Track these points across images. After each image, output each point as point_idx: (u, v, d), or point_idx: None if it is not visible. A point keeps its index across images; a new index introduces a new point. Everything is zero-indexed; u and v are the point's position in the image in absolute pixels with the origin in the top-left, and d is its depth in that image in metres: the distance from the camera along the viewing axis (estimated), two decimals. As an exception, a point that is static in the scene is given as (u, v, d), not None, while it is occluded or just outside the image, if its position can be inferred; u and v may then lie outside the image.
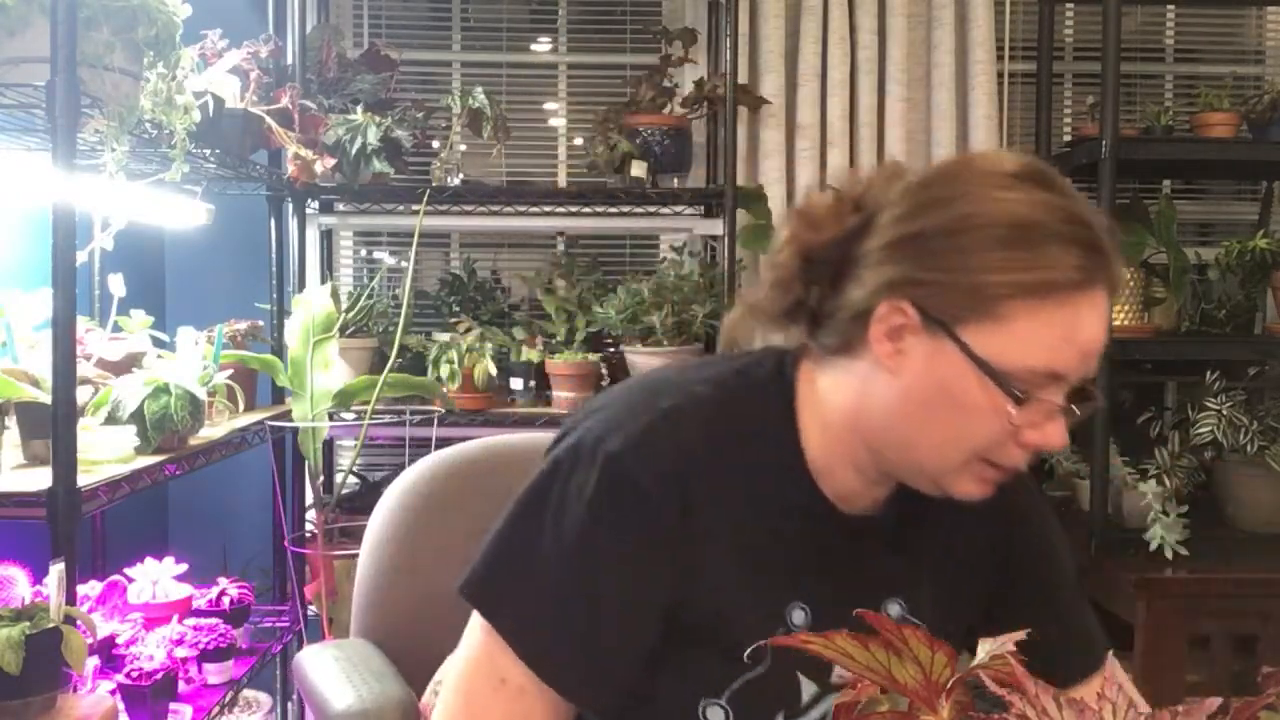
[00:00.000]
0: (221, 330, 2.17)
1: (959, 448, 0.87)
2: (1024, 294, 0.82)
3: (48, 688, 1.38)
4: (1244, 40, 3.28)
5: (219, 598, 2.28)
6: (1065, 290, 0.83)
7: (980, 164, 0.89)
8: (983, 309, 0.83)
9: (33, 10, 1.41)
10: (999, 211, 0.84)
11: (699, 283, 2.64)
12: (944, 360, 0.85)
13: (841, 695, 0.88)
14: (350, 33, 3.04)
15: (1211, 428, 2.60)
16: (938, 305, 0.85)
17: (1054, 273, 0.82)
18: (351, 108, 2.55)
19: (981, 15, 2.85)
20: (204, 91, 1.94)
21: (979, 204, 0.85)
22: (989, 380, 0.83)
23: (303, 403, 2.33)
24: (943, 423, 0.87)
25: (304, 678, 1.24)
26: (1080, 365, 0.85)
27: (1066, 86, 3.19)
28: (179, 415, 1.80)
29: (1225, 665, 2.42)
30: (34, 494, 1.45)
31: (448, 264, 3.13)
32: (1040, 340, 0.83)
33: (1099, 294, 0.85)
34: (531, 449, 1.53)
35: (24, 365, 1.64)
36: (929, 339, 0.85)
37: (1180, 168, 3.03)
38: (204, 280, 2.91)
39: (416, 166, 2.74)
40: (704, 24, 2.99)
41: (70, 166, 1.42)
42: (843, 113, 2.82)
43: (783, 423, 0.94)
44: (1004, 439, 0.86)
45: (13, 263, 2.16)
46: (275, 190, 2.62)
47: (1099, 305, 0.85)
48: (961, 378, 0.84)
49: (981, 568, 1.02)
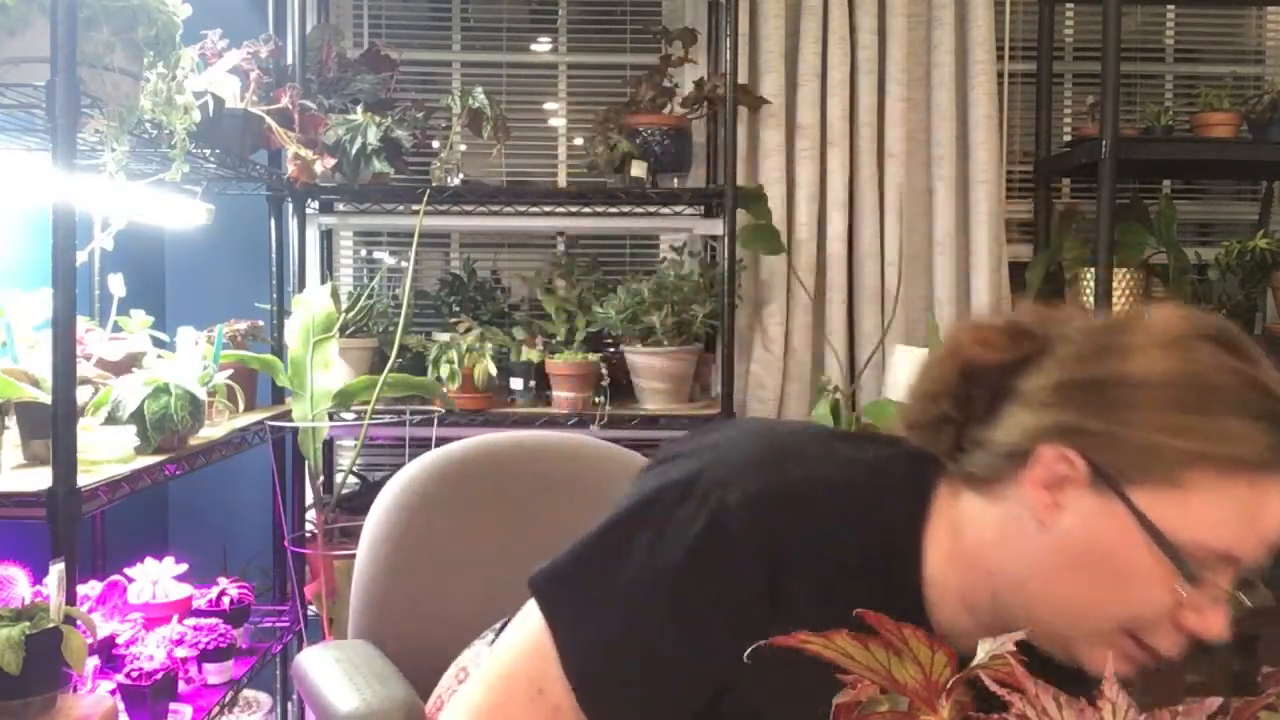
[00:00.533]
0: (221, 330, 2.17)
1: (1107, 617, 0.79)
2: (1207, 465, 0.76)
3: (48, 688, 1.38)
4: (1244, 40, 3.28)
5: (219, 598, 2.28)
6: (1253, 469, 0.76)
7: (1166, 315, 0.83)
8: (1160, 473, 0.77)
9: (33, 10, 1.41)
10: (1176, 370, 0.78)
11: (699, 283, 2.65)
12: (1109, 522, 0.78)
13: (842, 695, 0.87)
14: (350, 33, 3.04)
15: (1211, 428, 2.60)
16: (1110, 461, 0.78)
17: (1240, 448, 0.76)
18: (351, 108, 2.55)
19: (981, 15, 2.85)
20: (204, 91, 1.94)
21: (1157, 360, 0.79)
22: (1160, 550, 0.76)
23: (303, 403, 2.33)
24: (1094, 587, 0.79)
25: (305, 680, 1.24)
26: (1256, 552, 0.78)
27: (1066, 86, 3.19)
28: (179, 415, 1.80)
29: (1225, 665, 2.42)
30: (34, 494, 1.45)
31: (448, 264, 3.13)
32: (1221, 518, 0.76)
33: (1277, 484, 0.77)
34: (528, 448, 1.53)
35: (24, 365, 1.64)
36: (1094, 496, 0.78)
37: (1180, 168, 3.03)
38: (204, 280, 2.91)
39: (416, 166, 2.75)
40: (704, 24, 2.99)
41: (70, 166, 1.42)
42: (843, 113, 2.82)
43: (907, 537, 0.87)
44: (1161, 618, 0.79)
45: (13, 263, 2.16)
46: (275, 190, 2.62)
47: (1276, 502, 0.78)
48: (1127, 543, 0.77)
49: None
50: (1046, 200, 3.02)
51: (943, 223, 2.86)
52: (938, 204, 2.87)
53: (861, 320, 2.86)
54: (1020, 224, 3.10)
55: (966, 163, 2.90)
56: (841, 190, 2.83)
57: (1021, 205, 3.10)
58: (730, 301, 2.61)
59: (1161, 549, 0.76)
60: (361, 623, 1.40)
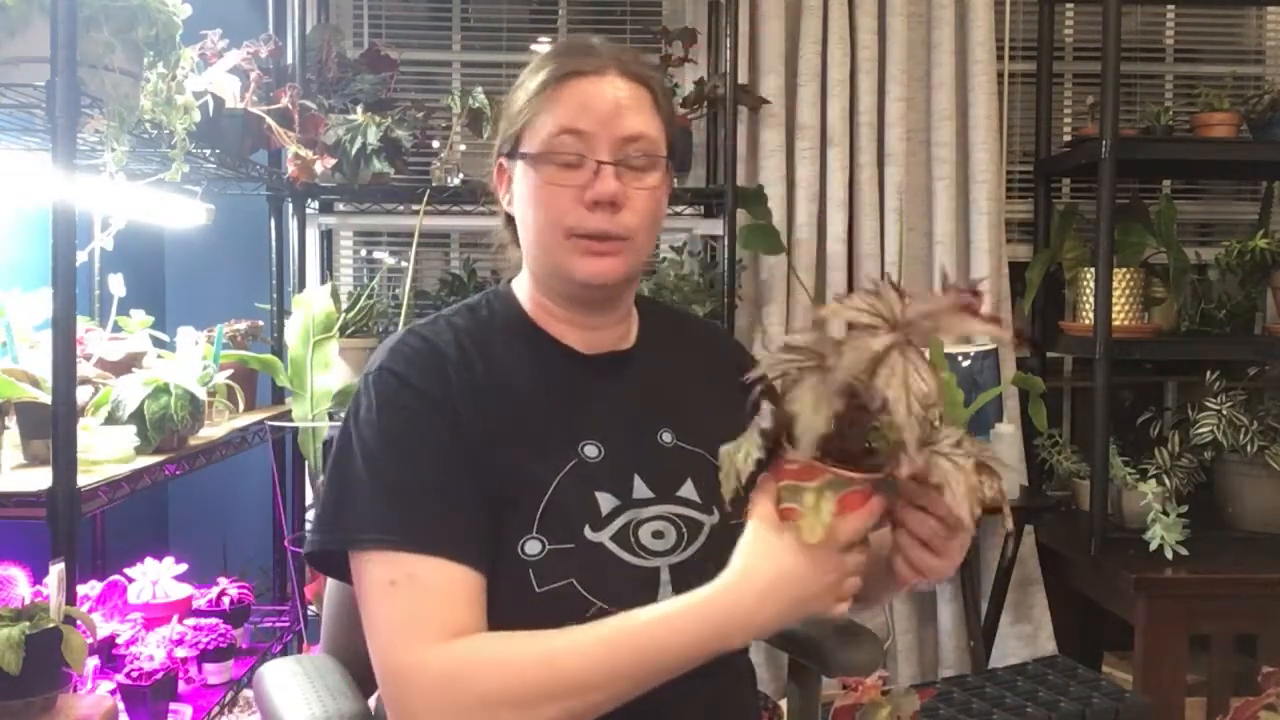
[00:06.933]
0: (221, 330, 2.17)
1: (546, 229, 1.09)
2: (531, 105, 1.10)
3: (48, 688, 1.38)
4: (1244, 40, 3.28)
5: (219, 598, 2.28)
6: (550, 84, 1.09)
7: None
8: (522, 126, 1.10)
9: (33, 10, 1.41)
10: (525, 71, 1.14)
11: (699, 283, 2.65)
12: (521, 177, 1.11)
13: (843, 698, 0.89)
14: (350, 33, 3.04)
15: (1211, 428, 2.61)
16: (505, 144, 1.13)
17: (542, 77, 1.10)
18: (351, 108, 2.54)
19: (981, 15, 2.85)
20: (204, 91, 1.94)
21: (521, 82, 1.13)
22: (539, 163, 1.08)
23: (303, 403, 2.33)
24: (531, 219, 1.10)
25: (261, 691, 1.23)
26: (578, 118, 1.07)
27: (1066, 86, 3.19)
28: (179, 415, 1.80)
29: (1225, 665, 2.42)
30: (34, 494, 1.45)
31: (448, 264, 3.13)
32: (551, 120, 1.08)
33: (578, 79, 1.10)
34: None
35: (24, 365, 1.64)
36: (511, 173, 1.13)
37: (1180, 168, 3.03)
38: (204, 280, 2.91)
39: (416, 166, 2.74)
40: (704, 24, 2.99)
41: (70, 166, 1.42)
42: (843, 113, 2.83)
43: (513, 311, 1.16)
44: (573, 205, 1.07)
45: (13, 263, 2.16)
46: (275, 190, 2.62)
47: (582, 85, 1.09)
48: (525, 177, 1.10)
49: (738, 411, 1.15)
50: (1046, 200, 3.02)
51: (942, 223, 2.86)
52: (938, 204, 2.87)
53: (861, 320, 2.86)
54: (1020, 224, 3.10)
55: (966, 163, 2.90)
56: (841, 190, 2.83)
57: (1021, 205, 3.10)
58: (730, 301, 2.61)
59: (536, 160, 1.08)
60: (329, 637, 1.37)
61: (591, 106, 1.08)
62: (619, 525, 1.06)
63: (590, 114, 1.08)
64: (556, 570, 1.02)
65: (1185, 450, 2.68)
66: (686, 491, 1.11)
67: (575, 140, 1.07)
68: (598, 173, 1.07)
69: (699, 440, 1.14)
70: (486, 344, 1.11)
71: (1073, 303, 2.97)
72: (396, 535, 0.98)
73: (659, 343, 1.20)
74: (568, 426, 1.09)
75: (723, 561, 0.93)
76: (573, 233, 1.08)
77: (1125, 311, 2.63)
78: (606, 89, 1.09)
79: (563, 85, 1.09)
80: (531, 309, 1.16)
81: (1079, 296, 2.77)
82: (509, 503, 1.03)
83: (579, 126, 1.07)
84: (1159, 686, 2.34)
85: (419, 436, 1.03)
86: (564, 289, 1.13)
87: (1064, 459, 2.88)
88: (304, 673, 1.22)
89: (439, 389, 1.05)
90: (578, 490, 1.06)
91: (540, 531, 1.03)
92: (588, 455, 1.08)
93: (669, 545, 1.06)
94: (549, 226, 1.08)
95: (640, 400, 1.15)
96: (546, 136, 1.08)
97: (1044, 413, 2.67)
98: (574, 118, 1.08)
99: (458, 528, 1.00)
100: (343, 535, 1.02)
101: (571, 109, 1.08)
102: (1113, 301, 2.56)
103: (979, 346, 2.72)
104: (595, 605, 1.02)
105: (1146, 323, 2.73)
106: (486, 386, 1.07)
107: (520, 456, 1.05)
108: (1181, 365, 3.09)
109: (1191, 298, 2.89)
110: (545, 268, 1.12)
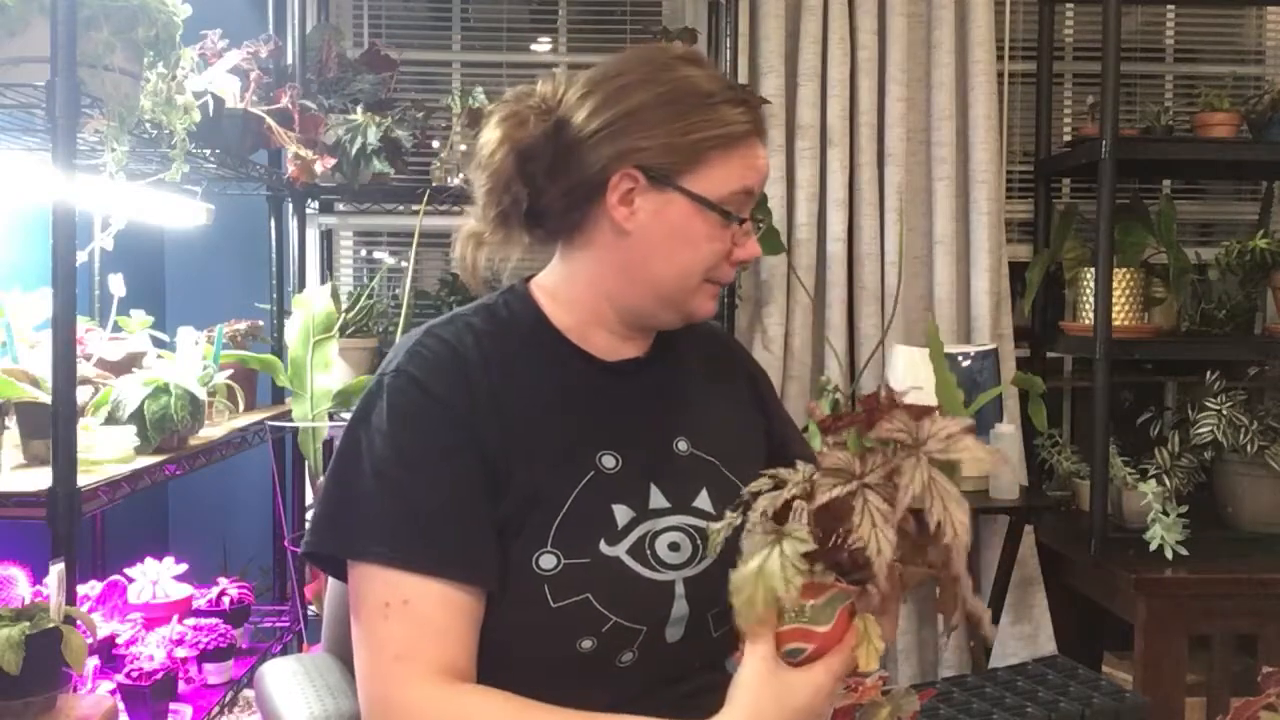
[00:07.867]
0: (221, 330, 2.17)
1: (694, 274, 1.08)
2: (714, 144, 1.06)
3: (48, 688, 1.39)
4: (1244, 40, 3.28)
5: (219, 598, 2.28)
6: (740, 136, 1.07)
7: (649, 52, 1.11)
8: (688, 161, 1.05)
9: (33, 10, 1.41)
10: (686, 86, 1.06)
11: (699, 283, 2.64)
12: (671, 208, 1.06)
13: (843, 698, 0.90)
14: (350, 33, 3.04)
15: (1211, 428, 2.60)
16: (656, 165, 1.05)
17: (729, 126, 1.06)
18: (351, 108, 2.54)
19: (981, 15, 2.85)
20: (204, 91, 1.94)
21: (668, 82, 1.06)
22: (709, 211, 1.06)
23: (303, 403, 2.33)
24: (678, 256, 1.07)
25: (261, 690, 1.23)
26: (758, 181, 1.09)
27: (1066, 86, 3.19)
28: (179, 415, 1.80)
29: (1225, 665, 2.42)
30: (34, 494, 1.45)
31: (448, 264, 3.13)
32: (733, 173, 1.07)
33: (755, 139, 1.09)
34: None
35: (24, 365, 1.64)
36: (655, 194, 1.06)
37: (1180, 168, 3.03)
38: (204, 280, 2.91)
39: (416, 166, 2.74)
40: (704, 24, 2.99)
41: (70, 166, 1.42)
42: (843, 113, 2.82)
43: (533, 315, 1.13)
44: (723, 257, 1.09)
45: (13, 263, 2.16)
46: (275, 190, 2.62)
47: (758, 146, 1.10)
48: (687, 216, 1.06)
49: (746, 408, 1.25)
50: (1046, 200, 3.02)
51: (942, 222, 2.86)
52: (938, 204, 2.87)
53: (861, 320, 2.86)
54: (1020, 224, 3.11)
55: (966, 163, 2.90)
56: (841, 190, 2.83)
57: (1021, 205, 3.10)
58: (730, 301, 2.61)
59: (710, 209, 1.06)
60: (331, 635, 1.37)
61: (761, 171, 1.10)
62: (635, 538, 1.05)
63: (760, 179, 1.10)
64: (572, 586, 1.01)
65: (1185, 450, 2.68)
66: (701, 502, 1.10)
67: (746, 201, 1.09)
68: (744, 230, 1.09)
69: (711, 447, 1.14)
70: (506, 348, 1.09)
71: (1073, 303, 2.97)
72: (399, 554, 0.97)
73: (668, 347, 1.19)
74: (586, 437, 1.08)
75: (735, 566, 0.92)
76: (709, 279, 1.10)
77: (1125, 311, 2.63)
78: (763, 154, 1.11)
79: (751, 141, 1.08)
80: (555, 313, 1.13)
81: (1079, 296, 2.77)
82: (524, 517, 1.02)
83: (753, 189, 1.09)
84: (1159, 686, 2.34)
85: (434, 450, 1.00)
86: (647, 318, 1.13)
87: (1064, 459, 2.88)
88: (304, 672, 1.22)
89: (460, 399, 1.02)
90: (594, 503, 1.04)
91: (555, 546, 1.01)
92: (605, 466, 1.07)
93: (684, 558, 1.06)
94: (695, 271, 1.08)
95: (656, 407, 1.15)
96: (727, 192, 1.06)
97: (1044, 413, 2.67)
98: (754, 181, 1.09)
99: (464, 547, 0.98)
100: (343, 542, 1.01)
101: (754, 171, 1.08)
102: (1113, 301, 2.56)
103: (979, 346, 2.72)
104: (611, 620, 1.01)
105: (1146, 323, 2.73)
106: (507, 395, 1.05)
107: (539, 471, 1.03)
108: (1181, 365, 3.09)
109: (1191, 298, 2.88)
110: (654, 300, 1.10)
